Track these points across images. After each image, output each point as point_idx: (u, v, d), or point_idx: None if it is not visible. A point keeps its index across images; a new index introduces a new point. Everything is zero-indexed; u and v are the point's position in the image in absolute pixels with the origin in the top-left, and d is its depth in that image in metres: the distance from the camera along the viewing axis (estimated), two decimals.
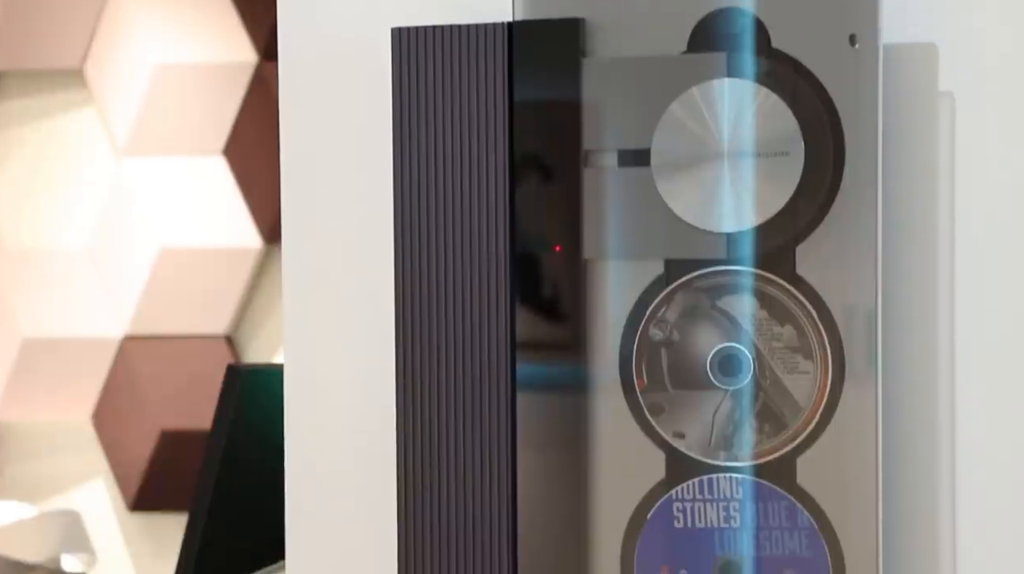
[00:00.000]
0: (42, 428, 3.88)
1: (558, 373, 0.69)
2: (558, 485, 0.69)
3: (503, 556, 0.68)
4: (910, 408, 0.68)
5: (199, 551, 1.24)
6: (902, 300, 0.69)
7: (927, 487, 0.68)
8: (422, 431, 0.69)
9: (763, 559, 0.65)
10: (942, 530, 0.67)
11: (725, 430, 0.66)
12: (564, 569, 0.68)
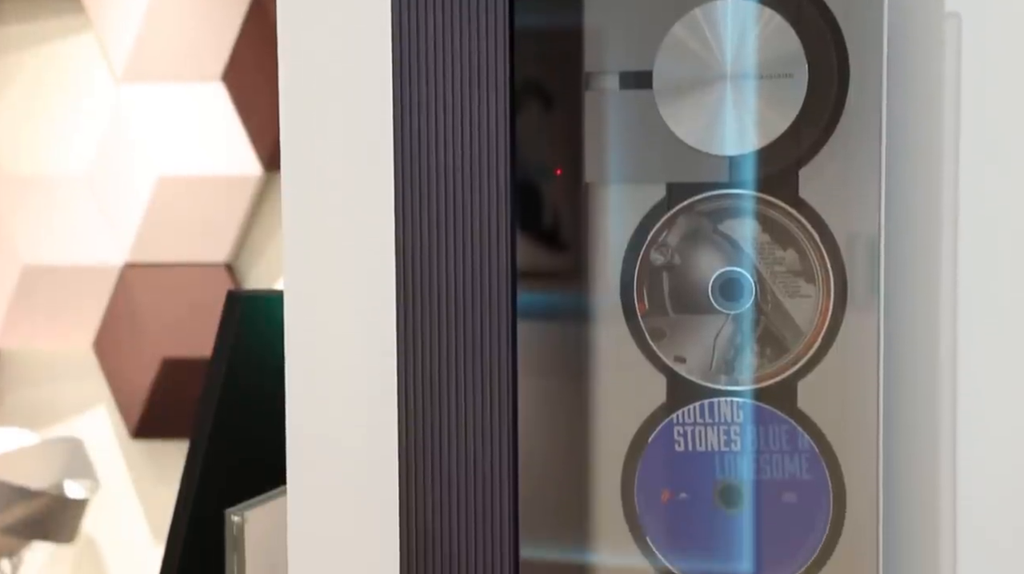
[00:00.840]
0: (43, 356, 3.89)
1: (559, 299, 0.69)
2: (559, 411, 0.69)
3: (504, 482, 0.68)
4: (912, 335, 0.68)
5: (200, 477, 1.25)
6: (905, 226, 0.68)
7: (928, 413, 0.68)
8: (423, 358, 0.69)
9: (763, 482, 0.65)
10: (942, 454, 0.67)
11: (726, 354, 0.66)
12: (565, 494, 0.68)
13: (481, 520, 0.69)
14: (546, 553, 0.69)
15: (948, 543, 0.66)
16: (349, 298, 0.76)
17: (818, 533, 0.65)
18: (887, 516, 0.66)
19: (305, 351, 0.77)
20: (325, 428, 0.77)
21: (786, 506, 0.65)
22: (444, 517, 0.69)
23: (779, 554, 0.65)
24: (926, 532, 0.67)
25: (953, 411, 0.68)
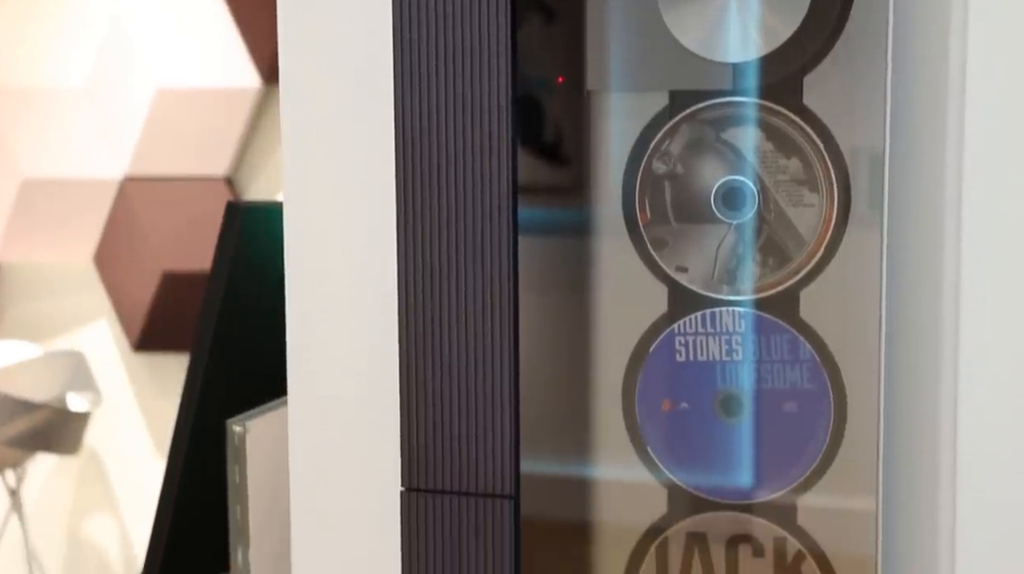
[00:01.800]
0: (43, 270, 3.89)
1: (560, 213, 0.68)
2: (560, 324, 0.68)
3: (505, 396, 0.68)
4: (916, 247, 0.68)
5: (201, 389, 1.25)
6: (911, 141, 0.67)
7: (930, 325, 0.68)
8: (422, 273, 0.69)
9: (764, 392, 0.65)
10: (944, 365, 0.67)
11: (728, 264, 0.66)
12: (566, 406, 0.68)
13: (482, 433, 0.69)
14: (547, 467, 0.69)
15: (948, 451, 0.66)
16: (349, 210, 0.76)
17: (818, 442, 0.65)
18: (888, 426, 0.66)
19: (305, 262, 0.77)
20: (325, 338, 0.76)
21: (787, 416, 0.65)
22: (445, 428, 0.69)
23: (779, 463, 0.65)
24: (926, 442, 0.67)
25: (956, 322, 0.67)
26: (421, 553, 0.70)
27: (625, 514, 0.68)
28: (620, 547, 0.68)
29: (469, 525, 0.69)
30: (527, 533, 0.69)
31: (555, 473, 0.69)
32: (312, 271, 0.77)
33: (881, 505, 0.64)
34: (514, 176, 0.67)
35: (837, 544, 0.65)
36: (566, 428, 0.69)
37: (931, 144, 0.67)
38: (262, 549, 1.07)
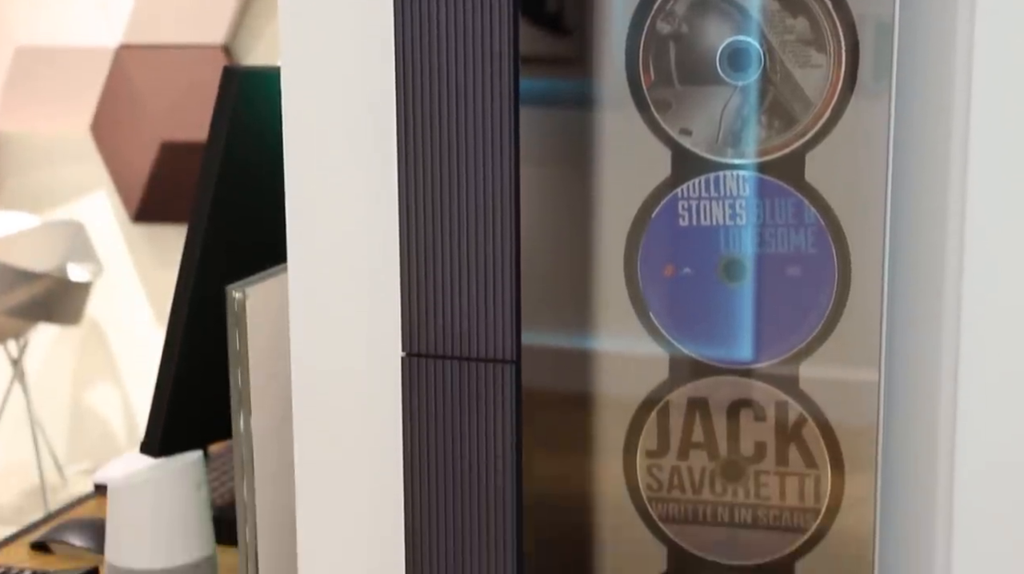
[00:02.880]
0: (41, 139, 3.87)
1: (562, 80, 0.67)
2: (562, 191, 0.67)
3: (506, 262, 0.67)
4: (924, 111, 0.66)
5: (200, 256, 1.24)
6: (920, 12, 0.66)
7: (937, 188, 0.67)
8: (425, 143, 0.68)
9: (768, 256, 0.65)
10: (950, 233, 0.66)
11: (733, 126, 0.65)
12: (568, 274, 0.68)
13: (483, 298, 0.68)
14: (549, 336, 0.68)
15: (952, 322, 0.66)
16: (348, 74, 0.74)
17: (821, 308, 0.64)
18: (891, 294, 0.65)
19: (303, 127, 0.76)
20: (325, 203, 0.76)
21: (790, 280, 0.64)
22: (446, 294, 0.69)
23: (782, 329, 0.65)
24: (930, 311, 0.66)
25: (963, 188, 0.66)
26: (422, 418, 0.70)
27: (626, 381, 0.68)
28: (622, 414, 0.68)
29: (470, 390, 0.69)
30: (528, 402, 0.68)
31: (556, 341, 0.68)
32: (311, 136, 0.76)
33: (883, 375, 0.64)
34: (515, 46, 0.66)
35: (839, 412, 0.65)
36: (568, 296, 0.68)
37: (941, 9, 0.66)
38: (263, 415, 1.07)
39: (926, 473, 0.66)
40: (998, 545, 0.65)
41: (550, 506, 0.69)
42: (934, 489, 0.66)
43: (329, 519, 0.77)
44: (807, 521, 0.64)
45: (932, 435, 0.66)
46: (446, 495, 0.69)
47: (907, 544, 0.67)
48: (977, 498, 0.65)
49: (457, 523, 0.70)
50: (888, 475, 0.66)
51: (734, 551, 0.66)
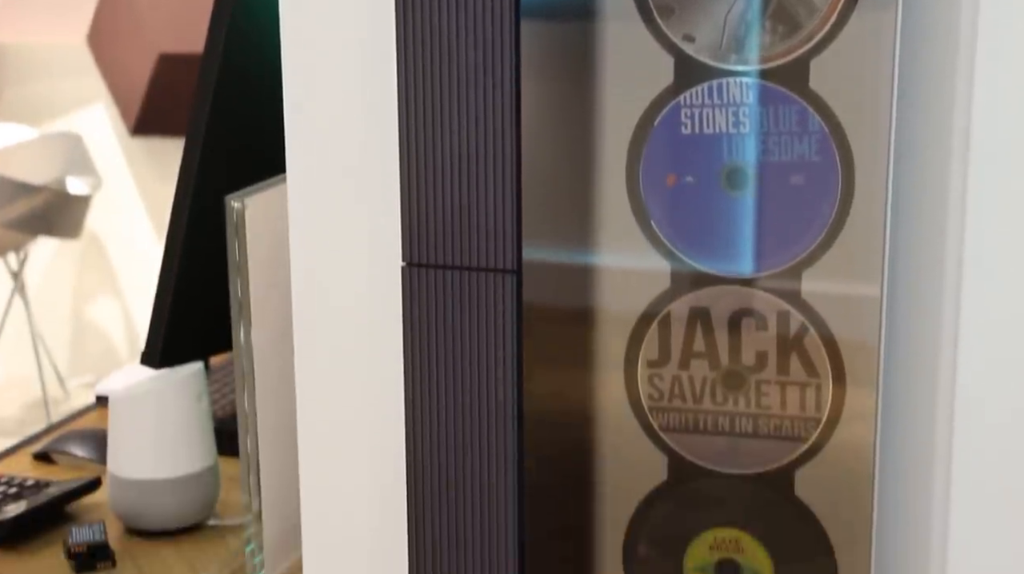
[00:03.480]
0: (38, 51, 3.84)
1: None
2: (564, 99, 0.67)
3: (507, 169, 0.67)
4: (930, 21, 0.65)
5: (199, 168, 1.24)
6: None
7: (943, 98, 0.66)
8: (424, 55, 0.67)
9: (771, 165, 0.64)
10: (955, 144, 0.66)
11: (737, 32, 0.64)
12: (569, 184, 0.67)
13: (483, 207, 0.68)
14: (550, 248, 0.68)
15: (956, 235, 0.65)
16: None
17: (824, 216, 0.64)
18: (895, 206, 0.65)
19: (302, 34, 0.75)
20: (324, 110, 0.75)
21: (793, 189, 0.64)
22: (446, 203, 0.68)
23: (784, 238, 0.64)
24: (935, 224, 0.65)
25: (969, 97, 0.65)
26: (422, 329, 0.70)
27: (628, 292, 0.67)
28: (623, 325, 0.67)
29: (471, 301, 0.69)
30: (529, 317, 0.68)
31: (558, 254, 0.68)
32: (309, 43, 0.75)
33: (886, 289, 0.64)
34: None
35: (841, 325, 0.64)
36: (569, 206, 0.68)
37: None
38: (264, 326, 1.07)
39: (927, 390, 0.66)
40: (998, 460, 0.65)
41: (550, 422, 0.69)
42: (935, 405, 0.66)
43: (330, 429, 0.77)
44: (807, 431, 0.65)
45: (935, 352, 0.66)
46: (447, 406, 0.70)
47: (907, 459, 0.67)
48: (978, 414, 0.65)
49: (458, 435, 0.70)
50: (889, 390, 0.66)
51: (734, 460, 0.66)
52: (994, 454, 0.65)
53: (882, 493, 0.67)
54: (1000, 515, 0.66)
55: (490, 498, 0.69)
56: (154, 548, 1.28)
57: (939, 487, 0.67)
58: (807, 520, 0.65)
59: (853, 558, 0.65)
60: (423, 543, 0.70)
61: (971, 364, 0.65)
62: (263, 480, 1.11)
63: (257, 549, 1.13)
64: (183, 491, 1.29)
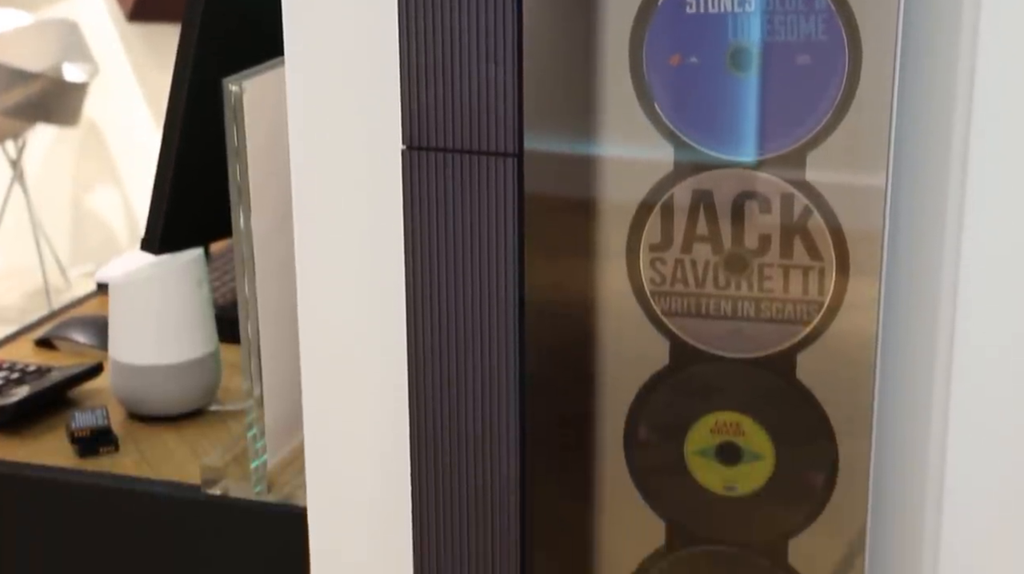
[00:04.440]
0: None
1: None
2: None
3: (508, 49, 0.66)
4: None
5: (196, 51, 1.22)
6: None
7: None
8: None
9: (777, 44, 0.63)
10: (964, 25, 0.64)
11: None
12: (571, 66, 0.66)
13: (484, 89, 0.67)
14: (552, 132, 0.67)
15: (961, 129, 0.64)
16: None
17: (830, 98, 0.63)
18: (902, 92, 0.64)
19: None
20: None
21: (799, 69, 0.63)
22: (446, 85, 0.67)
23: (789, 120, 0.63)
24: (940, 117, 0.64)
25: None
26: (423, 214, 0.69)
27: (631, 176, 0.67)
28: (625, 209, 0.67)
29: (472, 185, 0.68)
30: (531, 207, 0.68)
31: (560, 139, 0.67)
32: None
33: (891, 178, 0.63)
34: None
35: (845, 212, 0.64)
36: (572, 89, 0.67)
37: None
38: (263, 211, 1.07)
39: (931, 280, 0.66)
40: (999, 353, 0.65)
41: (551, 312, 0.69)
42: (938, 296, 0.66)
43: (330, 315, 0.77)
44: (809, 315, 0.64)
45: (938, 243, 0.65)
46: (447, 291, 0.69)
47: (908, 348, 0.67)
48: (980, 306, 0.65)
49: (459, 320, 0.69)
50: (891, 280, 0.66)
51: (736, 344, 0.66)
52: (996, 347, 0.65)
53: (883, 382, 0.67)
54: (1001, 403, 0.66)
55: (491, 386, 0.69)
56: (156, 433, 1.29)
57: (940, 376, 0.67)
58: (808, 404, 0.65)
59: (854, 445, 0.65)
60: (425, 426, 0.71)
61: (974, 256, 0.64)
62: (264, 365, 1.11)
63: (259, 434, 1.14)
64: (184, 377, 1.30)
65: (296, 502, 1.13)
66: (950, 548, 0.68)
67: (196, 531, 1.16)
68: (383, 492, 0.77)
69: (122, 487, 1.18)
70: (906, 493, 0.68)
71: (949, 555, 0.68)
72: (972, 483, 0.67)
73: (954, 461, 0.67)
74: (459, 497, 0.71)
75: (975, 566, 0.67)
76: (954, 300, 0.65)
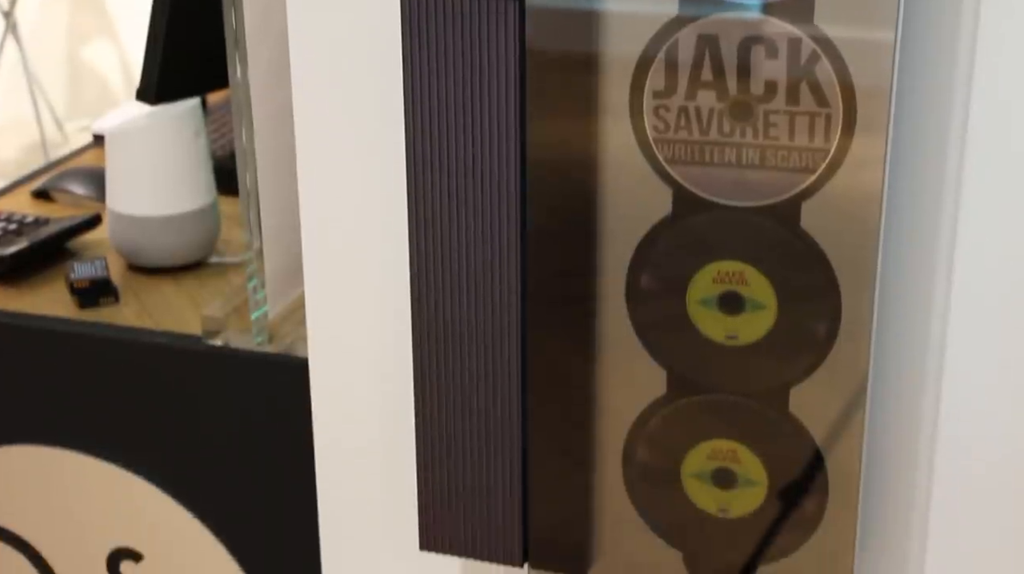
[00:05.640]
0: None
1: None
2: None
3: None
4: None
5: None
6: None
7: None
8: None
9: None
10: None
11: None
12: None
13: None
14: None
15: (970, 14, 0.63)
16: None
17: None
18: None
19: None
20: None
21: None
22: None
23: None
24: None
25: None
26: (424, 59, 0.68)
27: (635, 21, 0.65)
28: (629, 55, 0.65)
29: (472, 32, 0.67)
30: (534, 61, 0.66)
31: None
32: None
33: (900, 33, 0.62)
34: None
35: (853, 62, 0.62)
36: None
37: None
38: (260, 61, 1.05)
39: (938, 139, 0.65)
40: (1006, 215, 0.65)
41: (553, 168, 0.68)
42: (945, 154, 0.65)
43: (330, 165, 0.76)
44: (816, 162, 0.63)
45: (948, 98, 0.64)
46: (448, 136, 0.68)
47: (914, 208, 0.66)
48: (988, 165, 0.64)
49: (460, 172, 0.68)
50: (899, 137, 0.65)
51: (740, 193, 0.65)
52: (1000, 206, 0.64)
53: (887, 240, 0.66)
54: (1006, 261, 0.65)
55: (493, 238, 0.69)
56: (156, 284, 1.29)
57: (944, 236, 0.66)
58: (813, 254, 0.64)
59: (857, 297, 0.65)
60: (426, 276, 0.70)
61: (982, 113, 0.63)
62: (263, 217, 1.11)
63: (259, 285, 1.13)
64: (183, 228, 1.29)
65: (297, 353, 1.13)
66: (951, 401, 0.68)
67: (197, 382, 1.17)
68: (383, 341, 0.77)
69: (123, 338, 1.18)
70: (908, 347, 0.68)
71: (950, 406, 0.68)
72: (974, 339, 0.67)
73: (957, 319, 0.67)
74: (460, 346, 0.71)
75: (975, 422, 0.68)
76: (960, 159, 0.64)
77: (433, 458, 0.73)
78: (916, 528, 0.70)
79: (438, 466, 0.73)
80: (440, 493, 0.73)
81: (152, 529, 1.21)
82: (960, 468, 0.69)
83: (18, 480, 1.24)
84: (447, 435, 0.72)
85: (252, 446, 1.16)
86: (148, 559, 1.22)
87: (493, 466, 0.72)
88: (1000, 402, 0.67)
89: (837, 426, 0.67)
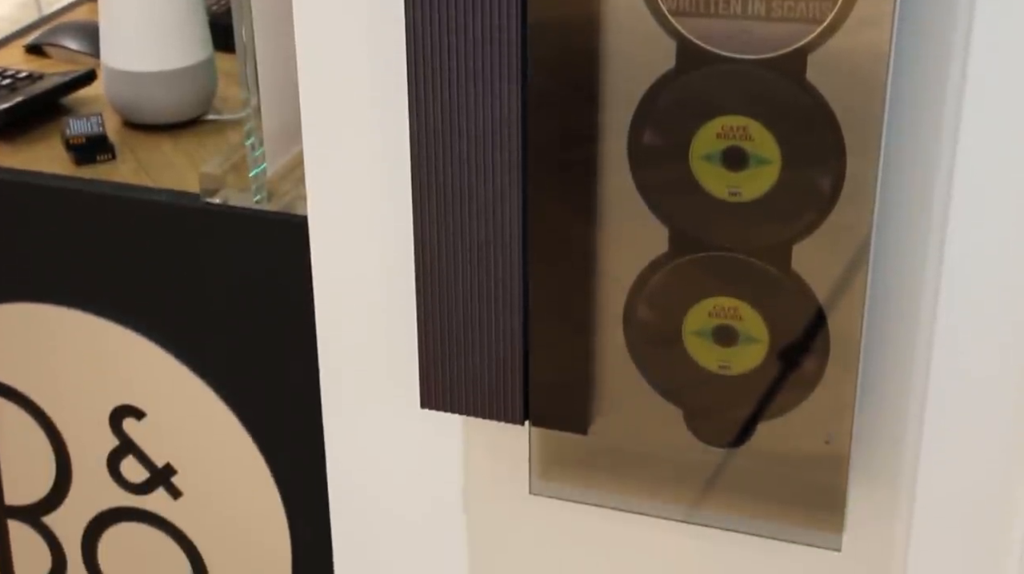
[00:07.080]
0: None
1: None
2: None
3: None
4: None
5: None
6: None
7: None
8: None
9: None
10: None
11: None
12: None
13: None
14: None
15: None
16: None
17: None
18: None
19: None
20: None
21: None
22: None
23: None
24: None
25: None
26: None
27: None
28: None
29: None
30: None
31: None
32: None
33: None
34: None
35: None
36: None
37: None
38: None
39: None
40: (1013, 80, 0.63)
41: (552, 25, 0.66)
42: (955, 13, 0.63)
43: (328, 19, 0.74)
44: (823, 13, 0.62)
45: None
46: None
47: (921, 67, 0.65)
48: (996, 29, 0.63)
49: (458, 33, 0.67)
50: None
51: (745, 44, 0.63)
52: (1009, 70, 0.63)
53: (894, 100, 0.65)
54: (1010, 123, 0.64)
55: (493, 100, 0.68)
56: (153, 141, 1.28)
57: (951, 99, 0.65)
58: (818, 108, 0.63)
59: (862, 156, 0.64)
60: (426, 135, 0.69)
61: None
62: (261, 74, 1.09)
63: (257, 142, 1.12)
64: (179, 83, 1.28)
65: (296, 211, 1.12)
66: (952, 263, 0.67)
67: (196, 239, 1.16)
68: (383, 198, 0.76)
69: (121, 195, 1.17)
70: (911, 209, 0.68)
71: (951, 268, 0.67)
72: (977, 202, 0.66)
73: (960, 182, 0.66)
74: (462, 204, 0.70)
75: (977, 281, 0.67)
76: (970, 19, 0.63)
77: (434, 316, 0.72)
78: (915, 388, 0.70)
79: (439, 324, 0.73)
80: (441, 351, 0.73)
81: (153, 387, 1.21)
82: (960, 329, 0.68)
83: (18, 338, 1.24)
84: (448, 294, 0.72)
85: (252, 304, 1.16)
86: (150, 416, 1.23)
87: (494, 324, 0.72)
88: (1001, 267, 0.67)
89: (839, 285, 0.66)
